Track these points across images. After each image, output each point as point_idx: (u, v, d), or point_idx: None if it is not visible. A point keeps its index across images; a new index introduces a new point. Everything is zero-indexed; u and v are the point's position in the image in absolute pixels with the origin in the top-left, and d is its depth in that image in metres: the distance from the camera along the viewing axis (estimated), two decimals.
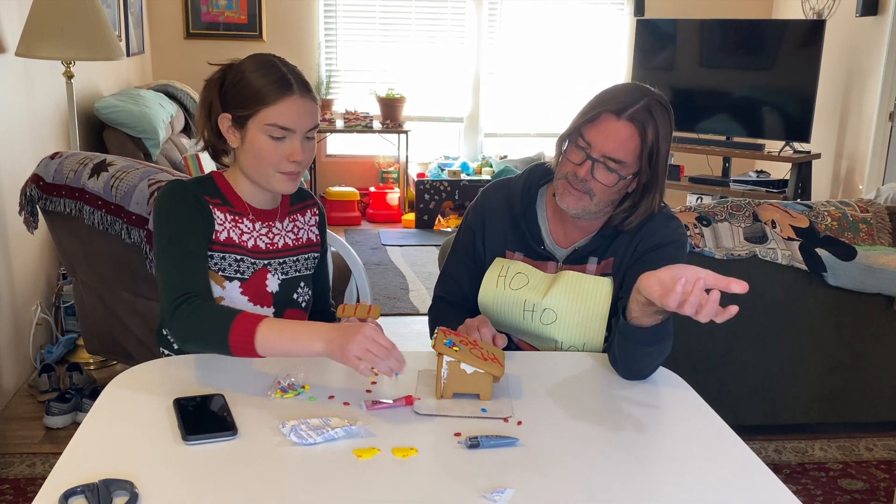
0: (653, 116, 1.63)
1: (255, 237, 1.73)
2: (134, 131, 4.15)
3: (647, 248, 1.74)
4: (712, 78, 5.51)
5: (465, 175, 6.26)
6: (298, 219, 1.83)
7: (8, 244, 3.14)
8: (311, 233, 1.85)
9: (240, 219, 1.71)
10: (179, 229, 1.62)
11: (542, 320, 1.76)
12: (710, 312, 1.32)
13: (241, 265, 1.70)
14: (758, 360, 2.81)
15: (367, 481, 1.20)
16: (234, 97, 1.64)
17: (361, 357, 1.39)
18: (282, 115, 1.61)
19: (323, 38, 6.27)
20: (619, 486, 1.22)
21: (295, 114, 1.62)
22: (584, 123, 1.65)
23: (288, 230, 1.80)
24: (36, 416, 2.97)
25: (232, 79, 1.65)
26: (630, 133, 1.62)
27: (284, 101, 1.61)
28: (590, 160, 1.65)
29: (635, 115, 1.62)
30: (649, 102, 1.64)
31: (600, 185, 1.66)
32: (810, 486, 2.68)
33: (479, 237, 1.87)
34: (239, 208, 1.72)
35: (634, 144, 1.63)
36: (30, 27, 3.11)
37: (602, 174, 1.65)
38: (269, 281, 1.74)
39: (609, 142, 1.63)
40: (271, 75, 1.62)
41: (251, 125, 1.63)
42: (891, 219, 2.93)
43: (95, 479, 1.15)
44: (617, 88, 1.69)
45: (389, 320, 4.13)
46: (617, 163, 1.64)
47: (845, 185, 5.50)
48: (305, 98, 1.63)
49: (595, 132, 1.64)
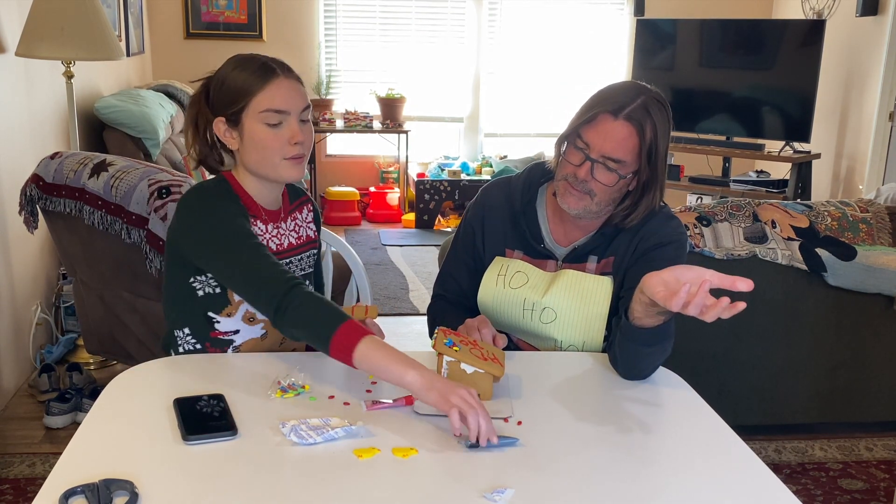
0: (650, 114, 1.63)
1: (267, 238, 1.73)
2: (134, 131, 4.15)
3: (647, 247, 1.74)
4: (712, 78, 5.51)
5: (465, 175, 6.26)
6: (298, 216, 1.83)
7: (8, 244, 3.14)
8: (309, 229, 1.85)
9: (253, 221, 1.71)
10: (235, 225, 1.59)
11: (542, 319, 1.76)
12: (715, 314, 1.32)
13: None
14: (758, 360, 2.81)
15: (367, 481, 1.20)
16: (222, 99, 1.64)
17: (459, 405, 1.31)
18: (273, 98, 1.61)
19: (323, 38, 6.28)
20: (619, 486, 1.22)
21: (285, 94, 1.62)
22: (582, 124, 1.65)
23: (290, 229, 1.80)
24: (36, 416, 2.97)
25: (215, 85, 1.65)
26: (628, 132, 1.62)
27: (271, 85, 1.61)
28: (589, 161, 1.65)
29: (632, 114, 1.62)
30: (646, 101, 1.63)
31: (600, 185, 1.66)
32: (810, 486, 2.68)
33: (478, 235, 1.87)
34: (253, 210, 1.71)
35: (633, 143, 1.63)
36: (30, 27, 3.11)
37: (602, 174, 1.65)
38: None
39: (607, 142, 1.62)
40: (251, 66, 1.63)
41: (246, 118, 1.62)
42: (891, 219, 2.93)
43: (95, 479, 1.15)
44: (613, 88, 1.68)
45: (389, 320, 4.13)
46: (616, 162, 1.64)
47: (845, 185, 5.50)
48: (291, 79, 1.64)
49: (593, 133, 1.64)
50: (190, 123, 1.69)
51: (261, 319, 1.71)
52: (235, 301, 1.68)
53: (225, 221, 1.60)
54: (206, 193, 1.65)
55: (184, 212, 1.64)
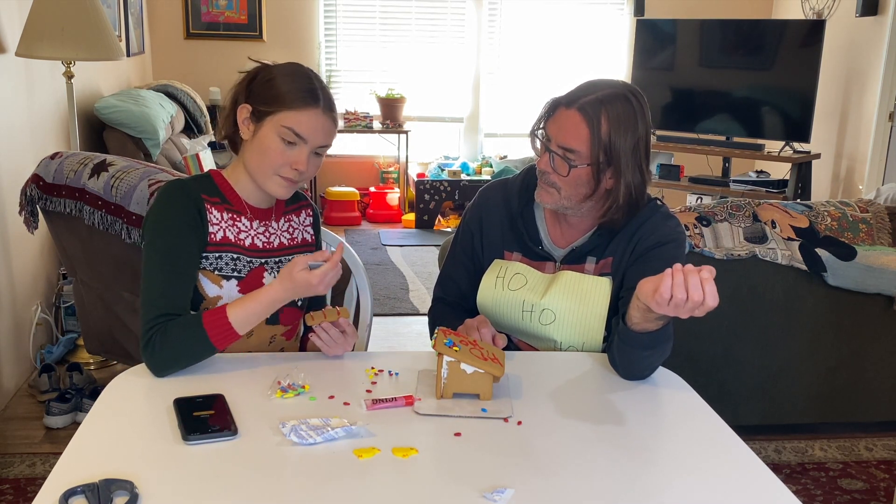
0: (605, 107, 1.64)
1: (252, 235, 1.74)
2: (134, 131, 4.15)
3: (646, 247, 1.74)
4: (712, 78, 5.51)
5: (465, 175, 6.26)
6: (293, 219, 1.84)
7: (8, 244, 3.14)
8: (305, 233, 1.86)
9: (238, 217, 1.72)
10: (173, 242, 1.63)
11: (541, 321, 1.76)
12: (695, 284, 1.35)
13: (237, 264, 1.71)
14: (758, 360, 2.81)
15: (367, 481, 1.20)
16: (260, 92, 1.66)
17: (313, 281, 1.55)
18: (300, 122, 1.63)
19: (323, 38, 6.27)
20: (619, 486, 1.22)
21: (313, 126, 1.64)
22: (545, 119, 1.72)
23: (283, 230, 1.81)
24: (36, 416, 2.97)
25: (263, 76, 1.67)
26: (577, 121, 1.65)
27: (306, 111, 1.63)
28: (548, 152, 1.69)
29: (584, 106, 1.65)
30: (608, 94, 1.65)
31: (559, 177, 1.69)
32: (810, 486, 2.68)
33: (476, 238, 1.87)
34: (237, 206, 1.73)
35: (583, 133, 1.64)
36: (30, 27, 3.11)
37: (558, 164, 1.68)
38: (266, 279, 1.74)
39: (561, 131, 1.67)
40: (301, 84, 1.65)
41: (268, 122, 1.64)
42: (891, 219, 2.93)
43: (95, 479, 1.15)
44: (581, 84, 1.71)
45: (389, 320, 4.13)
46: (570, 152, 1.67)
47: (845, 185, 5.50)
48: (327, 116, 1.66)
49: (551, 125, 1.70)
50: (231, 98, 1.72)
51: None
52: (210, 297, 1.69)
53: (165, 233, 1.63)
54: (171, 196, 1.67)
55: (151, 207, 1.68)
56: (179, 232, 1.64)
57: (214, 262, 1.68)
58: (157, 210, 1.66)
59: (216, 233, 1.69)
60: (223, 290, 1.69)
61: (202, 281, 1.68)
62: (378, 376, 1.58)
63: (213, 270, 1.68)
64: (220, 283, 1.69)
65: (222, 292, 1.69)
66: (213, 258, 1.68)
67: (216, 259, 1.69)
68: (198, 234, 1.67)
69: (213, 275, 1.68)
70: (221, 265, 1.69)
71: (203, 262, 1.68)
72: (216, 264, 1.69)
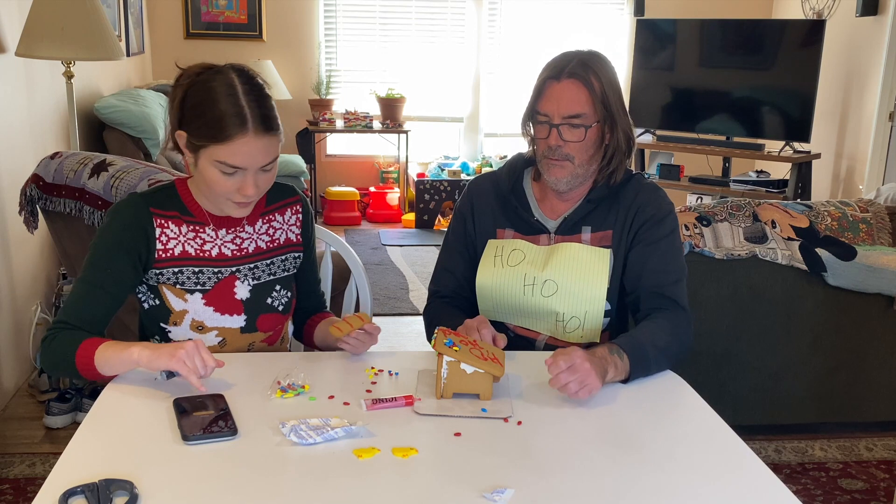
0: (590, 66, 1.73)
1: (219, 245, 1.69)
2: (134, 131, 4.15)
3: (643, 220, 1.79)
4: (712, 78, 5.51)
5: (465, 175, 6.26)
6: (276, 219, 1.77)
7: (8, 244, 3.14)
8: (290, 232, 1.79)
9: (201, 228, 1.68)
10: (102, 259, 1.62)
11: (543, 292, 1.78)
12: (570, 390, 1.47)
13: (200, 276, 1.67)
14: (758, 360, 2.81)
15: (367, 481, 1.20)
16: (192, 120, 1.56)
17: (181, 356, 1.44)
18: (234, 154, 1.53)
19: (323, 37, 6.28)
20: (619, 486, 1.22)
21: (246, 153, 1.53)
22: (535, 101, 1.76)
23: (261, 233, 1.75)
24: (36, 416, 2.97)
25: (193, 99, 1.57)
26: (576, 87, 1.72)
27: (236, 141, 1.52)
28: (554, 128, 1.73)
29: (573, 71, 1.72)
30: (585, 57, 1.74)
31: (573, 145, 1.74)
32: (810, 486, 2.68)
33: (469, 220, 1.91)
34: (199, 217, 1.68)
35: (584, 95, 1.72)
36: (30, 27, 3.11)
37: (569, 133, 1.73)
38: (238, 288, 1.70)
39: (561, 103, 1.72)
40: (228, 107, 1.52)
41: (203, 155, 1.56)
42: (891, 219, 2.93)
43: (95, 479, 1.15)
44: (549, 61, 1.78)
45: (389, 320, 4.13)
46: (577, 117, 1.72)
47: (845, 185, 5.50)
48: (261, 136, 1.54)
49: (546, 102, 1.74)
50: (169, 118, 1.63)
51: (211, 327, 1.70)
52: (177, 311, 1.67)
53: (101, 249, 1.62)
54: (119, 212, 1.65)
55: (105, 214, 1.69)
56: (111, 252, 1.62)
57: (173, 277, 1.66)
58: (102, 226, 1.65)
59: (174, 248, 1.66)
60: (188, 304, 1.67)
61: (167, 295, 1.66)
62: (378, 376, 1.58)
63: (174, 285, 1.66)
64: (185, 297, 1.67)
65: (188, 306, 1.67)
66: (169, 273, 1.66)
67: (175, 274, 1.66)
68: (138, 253, 1.63)
69: (175, 289, 1.66)
70: (183, 279, 1.66)
71: (160, 277, 1.66)
72: (177, 279, 1.66)
